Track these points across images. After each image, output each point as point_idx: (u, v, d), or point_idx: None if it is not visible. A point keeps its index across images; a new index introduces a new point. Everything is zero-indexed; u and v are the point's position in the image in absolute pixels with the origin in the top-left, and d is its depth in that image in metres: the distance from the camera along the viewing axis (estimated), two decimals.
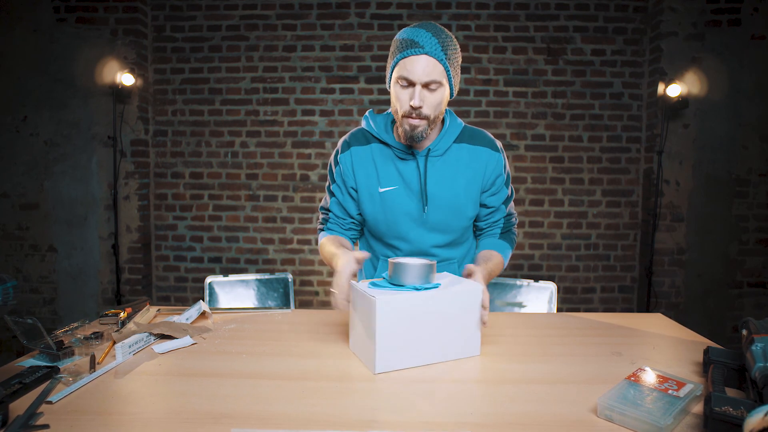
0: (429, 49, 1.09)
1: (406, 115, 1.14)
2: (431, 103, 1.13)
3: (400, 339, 0.94)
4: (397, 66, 1.13)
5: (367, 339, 0.96)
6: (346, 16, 3.20)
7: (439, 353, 0.99)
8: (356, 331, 1.03)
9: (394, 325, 0.93)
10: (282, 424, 0.74)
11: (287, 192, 3.29)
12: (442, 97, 1.15)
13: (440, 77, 1.11)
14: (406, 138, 1.19)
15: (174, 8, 3.22)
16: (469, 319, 1.01)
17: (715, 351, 0.92)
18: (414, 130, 1.16)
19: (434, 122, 1.18)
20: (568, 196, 3.24)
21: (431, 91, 1.12)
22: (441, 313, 0.98)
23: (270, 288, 1.94)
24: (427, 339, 0.97)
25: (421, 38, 1.09)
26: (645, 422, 0.71)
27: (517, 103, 3.21)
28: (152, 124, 3.29)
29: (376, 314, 0.91)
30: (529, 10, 3.17)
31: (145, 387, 0.88)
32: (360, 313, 1.00)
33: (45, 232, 3.19)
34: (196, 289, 3.34)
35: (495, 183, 1.30)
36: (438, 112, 1.17)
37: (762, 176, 3.06)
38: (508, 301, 1.78)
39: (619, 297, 3.28)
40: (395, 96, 1.16)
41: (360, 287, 1.00)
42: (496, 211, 1.33)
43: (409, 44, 1.10)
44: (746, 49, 2.99)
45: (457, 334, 1.00)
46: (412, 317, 0.95)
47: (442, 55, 1.10)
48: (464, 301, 1.00)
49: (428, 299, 0.97)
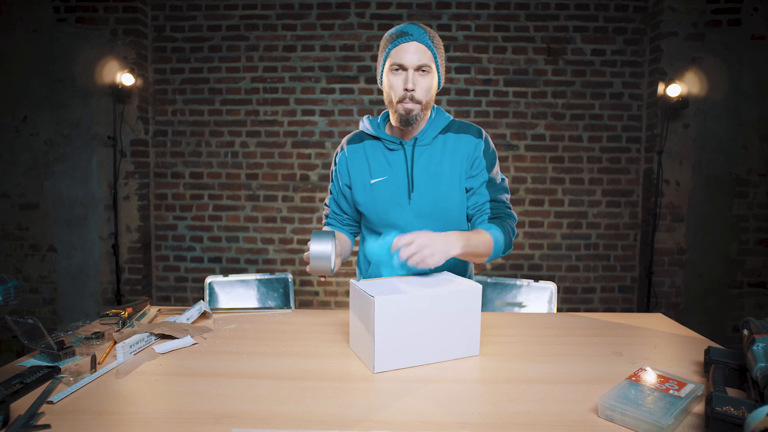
0: (418, 37, 1.19)
1: (401, 100, 1.22)
2: (423, 86, 1.22)
3: (399, 338, 0.95)
4: (389, 56, 1.22)
5: (366, 338, 0.96)
6: (346, 16, 3.20)
7: (438, 353, 0.99)
8: (356, 330, 1.04)
9: (393, 324, 0.94)
10: (282, 424, 0.74)
11: (287, 192, 3.29)
12: (432, 82, 1.24)
13: (429, 62, 1.21)
14: (401, 122, 1.26)
15: (174, 8, 3.22)
16: (468, 318, 1.01)
17: (716, 351, 0.92)
18: (409, 113, 1.23)
19: (426, 108, 1.26)
20: (568, 196, 3.24)
21: (422, 75, 1.21)
22: (440, 312, 0.98)
23: (270, 288, 1.94)
24: (426, 338, 0.97)
25: (409, 29, 1.21)
26: (646, 422, 0.71)
27: (517, 103, 3.21)
28: (152, 124, 3.29)
29: (375, 313, 0.92)
30: (529, 10, 3.17)
31: (146, 387, 0.88)
32: (359, 313, 1.00)
33: (45, 232, 3.19)
34: (196, 289, 3.34)
35: (473, 165, 1.32)
36: (429, 97, 1.25)
37: (762, 176, 3.06)
38: (508, 301, 1.79)
39: (619, 297, 3.28)
40: (389, 85, 1.24)
41: (359, 286, 1.00)
42: (475, 194, 1.31)
43: (399, 34, 1.21)
44: (746, 49, 2.99)
45: (456, 333, 1.01)
46: (411, 317, 0.95)
47: (429, 43, 1.21)
48: (463, 301, 1.01)
49: (427, 299, 0.97)
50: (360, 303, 0.99)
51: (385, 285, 1.03)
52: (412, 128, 1.30)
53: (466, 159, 1.31)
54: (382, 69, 1.26)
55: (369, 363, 0.96)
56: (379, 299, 0.92)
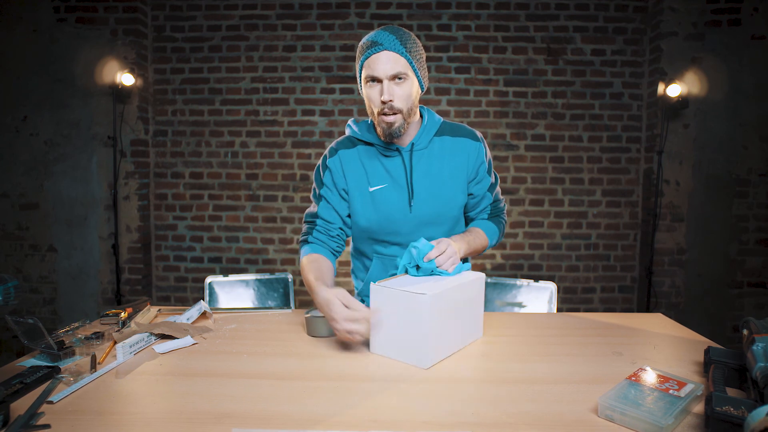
0: (388, 46, 1.15)
1: (380, 112, 1.19)
2: (400, 95, 1.18)
3: (440, 331, 1.00)
4: (363, 68, 1.19)
5: (409, 336, 0.98)
6: (346, 16, 3.20)
7: (460, 339, 1.07)
8: (389, 331, 1.01)
9: (438, 318, 0.98)
10: (282, 424, 0.74)
11: (287, 192, 3.29)
12: (411, 89, 1.20)
13: (404, 69, 1.17)
14: (385, 136, 1.24)
15: (174, 8, 3.22)
16: (476, 304, 1.13)
17: (716, 351, 0.92)
18: (390, 127, 1.20)
19: (409, 115, 1.22)
20: (568, 196, 3.24)
21: (398, 83, 1.18)
22: (462, 301, 1.06)
23: (270, 288, 1.94)
24: (452, 327, 1.04)
25: (379, 38, 1.16)
26: (646, 422, 0.71)
27: (517, 103, 3.21)
28: (152, 124, 3.29)
29: (428, 310, 0.94)
30: (529, 10, 3.17)
31: (146, 387, 0.88)
32: (396, 313, 0.99)
33: (45, 232, 3.19)
34: (196, 289, 3.34)
35: (478, 172, 1.34)
36: (410, 104, 1.21)
37: (762, 176, 3.06)
38: (508, 301, 1.78)
39: (619, 297, 3.28)
40: (367, 97, 1.21)
41: (395, 287, 1.00)
42: (482, 199, 1.38)
43: (369, 45, 1.17)
44: (746, 49, 2.99)
45: (468, 319, 1.10)
46: (446, 309, 1.01)
47: (402, 49, 1.16)
48: (473, 289, 1.11)
49: (458, 290, 1.04)
50: (397, 303, 0.99)
51: (406, 283, 1.04)
52: (405, 133, 1.27)
53: (469, 163, 1.31)
54: (360, 80, 1.23)
55: (417, 360, 0.97)
56: (429, 296, 0.94)
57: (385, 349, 1.03)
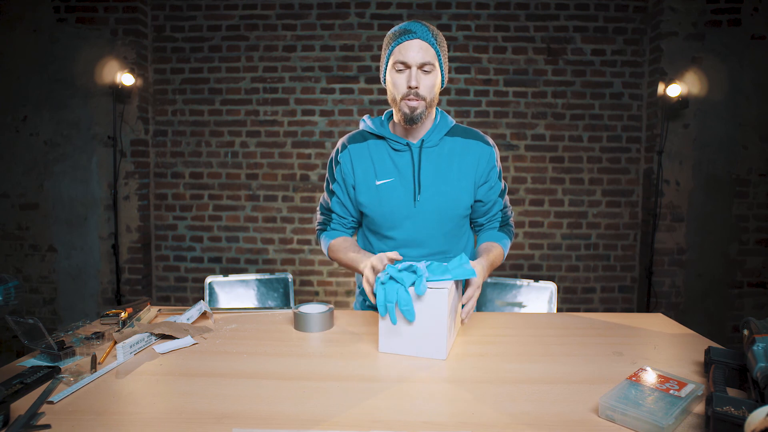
0: (421, 35, 1.20)
1: (405, 97, 1.22)
2: (426, 84, 1.22)
3: (449, 323, 1.03)
4: (393, 53, 1.22)
5: (424, 331, 1.01)
6: (346, 16, 3.20)
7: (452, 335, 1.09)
8: (402, 328, 1.02)
9: (449, 309, 1.01)
10: (283, 424, 0.74)
11: (287, 192, 3.29)
12: (436, 80, 1.24)
13: (432, 60, 1.21)
14: (405, 120, 1.25)
15: (174, 8, 3.22)
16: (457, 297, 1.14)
17: (717, 351, 0.92)
18: (413, 111, 1.22)
19: (431, 105, 1.25)
20: (568, 196, 3.24)
21: (425, 72, 1.21)
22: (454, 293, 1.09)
23: (270, 288, 1.95)
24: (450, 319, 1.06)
25: (413, 27, 1.21)
26: (646, 422, 0.71)
27: (517, 103, 3.21)
28: (152, 124, 3.29)
29: (445, 303, 0.98)
30: (529, 10, 3.17)
31: (146, 387, 0.88)
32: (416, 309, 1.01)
33: (45, 232, 3.19)
34: (196, 289, 3.34)
35: (489, 176, 1.35)
36: (433, 95, 1.24)
37: (762, 176, 3.06)
38: (508, 301, 1.79)
39: (619, 297, 3.28)
40: (392, 82, 1.24)
41: None
42: (494, 205, 1.39)
43: (402, 32, 1.21)
44: (746, 49, 2.99)
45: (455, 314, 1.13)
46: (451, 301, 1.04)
47: (433, 41, 1.21)
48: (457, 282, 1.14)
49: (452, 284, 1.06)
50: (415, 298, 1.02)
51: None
52: (418, 129, 1.30)
53: (479, 166, 1.32)
54: (386, 67, 1.25)
55: (435, 353, 1.00)
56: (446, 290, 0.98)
57: (398, 346, 1.04)
